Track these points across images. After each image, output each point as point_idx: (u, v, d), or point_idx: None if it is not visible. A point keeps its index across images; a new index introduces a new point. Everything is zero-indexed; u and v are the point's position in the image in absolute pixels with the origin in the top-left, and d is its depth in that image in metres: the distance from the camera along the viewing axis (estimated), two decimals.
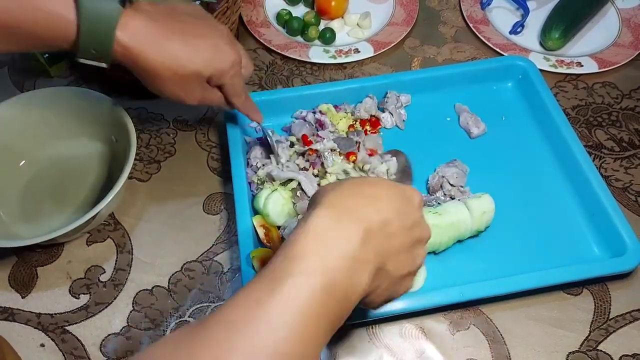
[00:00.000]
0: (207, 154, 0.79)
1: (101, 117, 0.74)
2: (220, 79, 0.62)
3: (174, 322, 0.65)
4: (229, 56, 0.60)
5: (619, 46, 0.92)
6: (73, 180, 0.76)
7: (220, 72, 0.61)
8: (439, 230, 0.65)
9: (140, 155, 0.79)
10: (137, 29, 0.55)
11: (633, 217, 0.73)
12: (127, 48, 0.55)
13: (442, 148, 0.78)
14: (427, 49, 0.93)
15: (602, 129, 0.82)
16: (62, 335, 0.64)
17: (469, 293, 0.62)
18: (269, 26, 0.95)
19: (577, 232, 0.70)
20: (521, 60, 0.84)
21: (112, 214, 0.73)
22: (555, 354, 0.62)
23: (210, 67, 0.59)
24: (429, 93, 0.83)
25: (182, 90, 0.60)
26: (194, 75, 0.59)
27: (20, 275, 0.69)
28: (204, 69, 0.59)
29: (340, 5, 0.95)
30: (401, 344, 0.63)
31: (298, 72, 0.90)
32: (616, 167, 0.78)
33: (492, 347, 0.63)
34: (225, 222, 0.73)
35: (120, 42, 0.54)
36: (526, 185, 0.74)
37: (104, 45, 0.54)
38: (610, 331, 0.64)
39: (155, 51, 0.56)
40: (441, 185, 0.72)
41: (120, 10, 0.54)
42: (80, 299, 0.67)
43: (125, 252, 0.70)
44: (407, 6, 0.98)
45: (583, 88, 0.87)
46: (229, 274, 0.68)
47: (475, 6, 0.99)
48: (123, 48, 0.55)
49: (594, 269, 0.65)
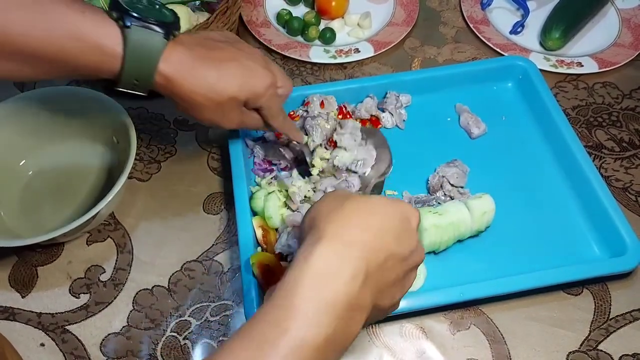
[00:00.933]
0: (207, 154, 0.79)
1: (101, 117, 0.74)
2: (257, 102, 0.61)
3: (174, 322, 0.65)
4: (264, 79, 0.60)
5: (619, 46, 0.92)
6: (73, 180, 0.76)
7: (256, 95, 0.60)
8: (439, 230, 0.65)
9: (140, 155, 0.79)
10: (177, 60, 0.55)
11: (633, 217, 0.73)
12: (168, 79, 0.55)
13: (443, 148, 0.78)
14: (427, 49, 0.93)
15: (602, 129, 0.82)
16: (62, 335, 0.64)
17: (469, 293, 0.62)
18: (269, 26, 0.95)
19: (577, 232, 0.70)
20: (521, 60, 0.84)
21: (112, 214, 0.73)
22: (556, 353, 0.62)
23: (245, 91, 0.59)
24: (430, 93, 0.83)
25: (220, 115, 0.60)
26: (230, 100, 0.59)
27: (21, 275, 0.69)
28: (239, 93, 0.59)
29: (341, 5, 0.96)
30: (401, 343, 0.63)
31: (298, 72, 0.90)
32: (616, 167, 0.78)
33: (493, 347, 0.63)
34: (225, 222, 0.73)
35: (162, 73, 0.55)
36: (526, 186, 0.74)
37: (147, 77, 0.55)
38: (611, 331, 0.64)
39: (192, 81, 0.56)
40: (441, 185, 0.72)
41: (165, 44, 0.54)
42: (80, 298, 0.67)
43: (126, 252, 0.70)
44: (408, 6, 0.98)
45: (583, 88, 0.87)
46: (229, 273, 0.68)
47: (475, 6, 0.99)
48: (164, 79, 0.55)
49: (594, 269, 0.65)
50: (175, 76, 0.55)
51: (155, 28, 0.53)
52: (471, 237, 0.69)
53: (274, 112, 0.64)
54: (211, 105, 0.58)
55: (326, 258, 0.39)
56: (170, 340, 0.64)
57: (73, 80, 0.88)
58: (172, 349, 0.63)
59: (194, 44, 0.57)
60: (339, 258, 0.39)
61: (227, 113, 0.60)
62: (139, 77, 0.55)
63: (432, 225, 0.65)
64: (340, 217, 0.41)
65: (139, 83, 0.55)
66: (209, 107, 0.58)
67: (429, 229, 0.64)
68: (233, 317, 0.65)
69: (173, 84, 0.56)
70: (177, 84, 0.56)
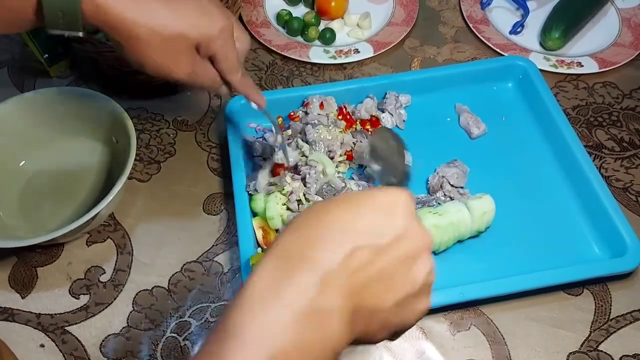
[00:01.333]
0: (207, 154, 0.79)
1: (101, 117, 0.74)
2: (210, 47, 0.54)
3: (174, 323, 0.65)
4: (218, 20, 0.54)
5: (619, 46, 0.92)
6: (73, 180, 0.76)
7: (209, 37, 0.54)
8: (439, 230, 0.65)
9: (140, 155, 0.79)
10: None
11: (633, 217, 0.72)
12: (97, 5, 0.48)
13: (443, 148, 0.78)
14: (427, 49, 0.93)
15: (602, 129, 0.82)
16: (62, 336, 0.64)
17: (469, 293, 0.62)
18: (269, 26, 0.95)
19: (577, 232, 0.70)
20: (521, 60, 0.84)
21: (112, 215, 0.73)
22: (556, 354, 0.62)
23: (196, 30, 0.53)
24: (429, 93, 0.83)
25: (169, 59, 0.53)
26: (179, 38, 0.52)
27: (20, 275, 0.69)
28: (189, 31, 0.52)
29: (340, 6, 0.95)
30: (401, 344, 0.63)
31: (298, 73, 0.90)
32: (617, 167, 0.78)
33: (493, 348, 0.63)
34: (225, 222, 0.73)
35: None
36: (526, 186, 0.74)
37: (71, 4, 0.48)
38: (611, 331, 0.64)
39: (132, 9, 0.49)
40: (441, 186, 0.72)
41: None
42: (80, 299, 0.67)
43: (125, 253, 0.70)
44: (407, 6, 0.98)
45: (583, 88, 0.87)
46: (229, 274, 0.68)
47: (475, 6, 0.98)
48: (93, 5, 0.48)
49: (594, 269, 0.65)
50: (108, 2, 0.49)
51: None
52: (471, 237, 0.69)
53: (230, 65, 0.57)
54: (156, 41, 0.51)
55: (268, 274, 0.35)
56: (170, 341, 0.64)
57: (73, 81, 0.88)
58: (172, 350, 0.63)
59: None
60: (284, 270, 0.35)
61: (177, 56, 0.53)
62: (63, 7, 0.48)
63: (432, 226, 0.65)
64: (289, 229, 0.38)
65: (64, 17, 0.49)
66: (154, 44, 0.51)
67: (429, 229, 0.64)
68: None
69: (108, 12, 0.49)
70: (114, 11, 0.49)
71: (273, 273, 0.35)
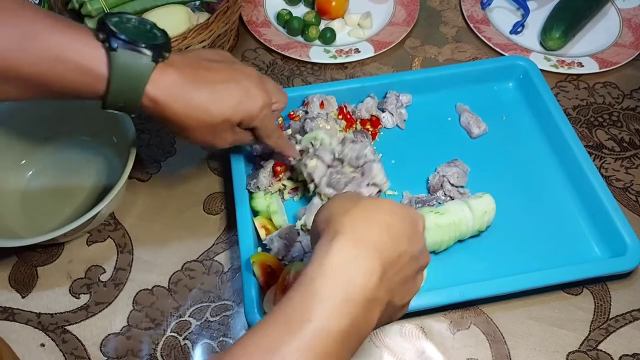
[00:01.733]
0: (207, 154, 0.79)
1: (101, 117, 0.74)
2: (251, 123, 0.60)
3: (174, 322, 0.65)
4: (258, 99, 0.59)
5: (620, 46, 0.92)
6: (73, 180, 0.76)
7: (251, 117, 0.59)
8: (440, 229, 0.65)
9: (140, 155, 0.79)
10: (166, 84, 0.53)
11: (633, 217, 0.72)
12: (157, 103, 0.54)
13: (443, 148, 0.78)
14: (427, 48, 0.93)
15: (602, 129, 0.82)
16: (62, 335, 0.64)
17: (469, 293, 0.62)
18: (269, 26, 0.95)
19: (577, 231, 0.70)
20: (522, 60, 0.84)
21: (112, 214, 0.73)
22: (556, 353, 0.62)
23: (239, 113, 0.58)
24: (430, 93, 0.83)
25: (212, 137, 0.59)
26: (224, 122, 0.57)
27: (21, 275, 0.69)
28: (232, 115, 0.57)
29: (341, 5, 0.95)
30: (401, 343, 0.63)
31: (299, 72, 0.90)
32: (617, 167, 0.78)
33: (493, 347, 0.63)
34: (225, 222, 0.73)
35: (150, 97, 0.53)
36: (527, 185, 0.74)
37: (134, 100, 0.53)
38: (611, 331, 0.64)
39: (183, 103, 0.54)
40: (442, 185, 0.72)
41: (153, 67, 0.52)
42: (80, 298, 0.67)
43: (126, 252, 0.70)
44: (408, 6, 0.98)
45: (584, 88, 0.87)
46: (229, 273, 0.68)
47: (475, 6, 0.98)
48: (152, 102, 0.54)
49: (594, 269, 0.65)
50: (164, 100, 0.54)
51: (144, 50, 0.51)
52: (472, 237, 0.69)
53: (268, 131, 0.63)
54: (204, 127, 0.57)
55: (345, 252, 0.39)
56: (170, 341, 0.64)
57: None
58: (172, 349, 0.63)
59: (185, 65, 0.55)
60: (357, 252, 0.40)
61: (220, 134, 0.59)
62: (126, 100, 0.53)
63: (434, 225, 0.65)
64: (356, 215, 0.42)
65: (125, 106, 0.54)
66: (202, 129, 0.57)
67: (430, 229, 0.64)
68: (233, 318, 0.65)
69: (163, 107, 0.54)
70: (167, 107, 0.54)
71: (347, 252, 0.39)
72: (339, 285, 0.38)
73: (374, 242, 0.40)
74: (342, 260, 0.39)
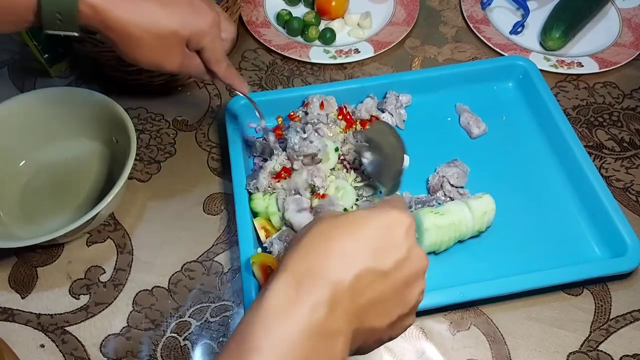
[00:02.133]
0: (207, 154, 0.79)
1: (101, 117, 0.74)
2: (200, 41, 0.57)
3: (174, 323, 0.65)
4: (208, 15, 0.57)
5: (620, 46, 0.92)
6: (73, 180, 0.76)
7: (200, 33, 0.57)
8: (440, 230, 0.65)
9: (140, 155, 0.79)
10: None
11: (634, 217, 0.72)
12: (94, 7, 0.50)
13: (443, 148, 0.78)
14: (427, 48, 0.93)
15: (602, 129, 0.82)
16: (62, 336, 0.64)
17: (469, 293, 0.62)
18: (269, 26, 0.95)
19: (577, 232, 0.70)
20: (522, 60, 0.84)
21: (112, 214, 0.73)
22: (556, 354, 0.62)
23: (188, 27, 0.55)
24: (430, 93, 0.83)
25: (160, 54, 0.56)
26: (172, 35, 0.55)
27: (20, 275, 0.69)
28: (181, 28, 0.55)
29: (341, 5, 0.95)
30: (401, 344, 0.63)
31: (298, 73, 0.90)
32: (617, 167, 0.78)
33: (493, 348, 0.63)
34: (225, 222, 0.73)
35: (86, 1, 0.50)
36: (527, 185, 0.74)
37: (68, 6, 0.50)
38: (611, 331, 0.64)
39: (127, 10, 0.52)
40: (441, 185, 0.72)
41: None
42: (80, 299, 0.67)
43: (126, 253, 0.70)
44: (408, 6, 0.98)
45: (584, 88, 0.87)
46: (229, 274, 0.68)
47: (475, 6, 0.98)
48: (90, 9, 0.50)
49: (594, 269, 0.65)
50: (104, 4, 0.51)
51: None
52: (471, 237, 0.69)
53: (217, 56, 0.60)
54: (150, 39, 0.54)
55: (281, 292, 0.36)
56: (170, 341, 0.64)
57: (73, 81, 0.88)
58: (172, 350, 0.63)
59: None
60: (296, 289, 0.36)
61: (168, 52, 0.56)
62: (60, 8, 0.50)
63: (433, 226, 0.65)
64: (303, 245, 0.39)
65: (62, 18, 0.50)
66: (148, 42, 0.54)
67: (430, 229, 0.64)
68: (233, 318, 0.65)
69: (102, 13, 0.51)
70: (110, 13, 0.51)
71: (286, 291, 0.36)
72: (275, 331, 0.34)
73: (320, 272, 0.37)
74: (277, 303, 0.36)
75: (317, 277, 0.37)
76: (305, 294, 0.36)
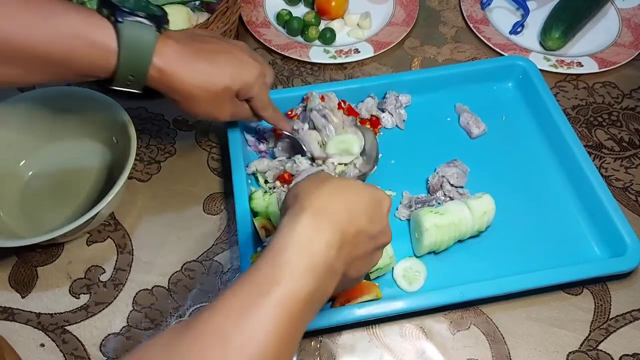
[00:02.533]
0: (207, 154, 0.79)
1: (101, 117, 0.74)
2: (248, 92, 0.63)
3: (174, 322, 0.65)
4: (254, 68, 0.63)
5: (619, 46, 0.92)
6: (73, 180, 0.76)
7: (248, 85, 0.62)
8: (440, 229, 0.65)
9: (140, 155, 0.79)
10: (170, 54, 0.57)
11: (633, 217, 0.72)
12: (162, 72, 0.57)
13: (443, 148, 0.78)
14: (427, 49, 0.93)
15: (602, 129, 0.82)
16: (62, 335, 0.64)
17: (469, 293, 0.62)
18: (269, 26, 0.95)
19: (577, 232, 0.70)
20: (521, 60, 0.84)
21: (112, 214, 0.73)
22: (556, 353, 0.62)
23: (237, 81, 0.61)
24: (430, 93, 0.83)
25: (215, 107, 0.62)
26: (224, 90, 0.61)
27: (20, 275, 0.69)
28: (232, 83, 0.61)
29: (341, 6, 0.96)
30: (401, 344, 0.63)
31: (298, 72, 0.90)
32: (616, 167, 0.78)
33: (493, 347, 0.63)
34: (225, 222, 0.73)
35: (156, 67, 0.56)
36: (527, 185, 0.74)
37: (142, 71, 0.56)
38: (611, 331, 0.64)
39: (187, 72, 0.58)
40: (441, 185, 0.72)
41: (157, 37, 0.55)
42: (80, 299, 0.67)
43: (126, 252, 0.70)
44: (407, 6, 0.98)
45: (583, 88, 0.87)
46: (229, 274, 0.68)
47: (475, 6, 0.99)
48: (159, 73, 0.57)
49: (594, 269, 0.65)
50: (169, 69, 0.57)
51: (146, 22, 0.55)
52: (471, 237, 0.69)
53: (264, 102, 0.67)
54: (206, 96, 0.60)
55: (308, 226, 0.43)
56: None
57: None
58: None
59: (183, 38, 0.59)
60: (319, 227, 0.43)
61: (221, 104, 0.63)
62: (134, 72, 0.56)
63: (434, 225, 0.65)
64: (321, 193, 0.45)
65: (134, 79, 0.56)
66: (204, 98, 0.60)
67: (430, 229, 0.64)
68: None
69: (168, 77, 0.57)
70: (172, 76, 0.57)
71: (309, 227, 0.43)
72: (304, 254, 0.41)
73: (335, 218, 0.44)
74: (305, 234, 0.42)
75: (333, 220, 0.43)
76: (324, 232, 0.43)
